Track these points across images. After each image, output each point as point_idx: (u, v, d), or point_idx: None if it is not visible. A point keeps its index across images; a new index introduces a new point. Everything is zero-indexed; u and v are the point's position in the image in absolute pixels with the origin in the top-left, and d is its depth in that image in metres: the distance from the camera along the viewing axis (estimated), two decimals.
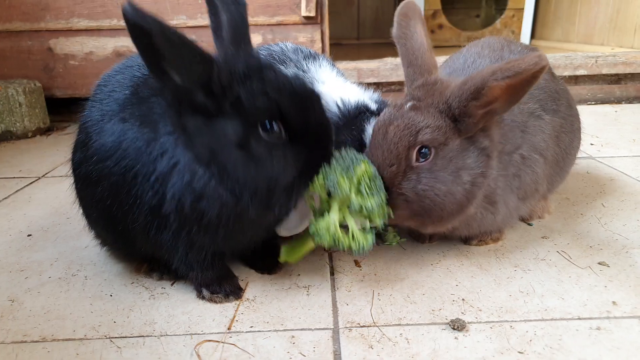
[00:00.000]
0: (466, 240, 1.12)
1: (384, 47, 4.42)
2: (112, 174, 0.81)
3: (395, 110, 0.90)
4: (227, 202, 0.78)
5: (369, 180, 0.83)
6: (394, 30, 0.98)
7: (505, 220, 1.04)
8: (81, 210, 0.99)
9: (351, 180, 0.82)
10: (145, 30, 0.66)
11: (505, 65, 0.80)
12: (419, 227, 0.93)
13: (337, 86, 1.24)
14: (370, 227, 0.86)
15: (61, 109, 2.51)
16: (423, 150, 0.86)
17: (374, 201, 0.82)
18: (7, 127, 2.18)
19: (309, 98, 0.79)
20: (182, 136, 0.77)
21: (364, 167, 0.83)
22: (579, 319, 0.83)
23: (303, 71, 1.29)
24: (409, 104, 0.89)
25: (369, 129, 1.02)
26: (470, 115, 0.85)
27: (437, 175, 0.86)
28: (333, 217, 0.83)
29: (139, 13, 0.65)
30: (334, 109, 1.08)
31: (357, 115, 1.04)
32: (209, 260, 0.88)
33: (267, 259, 1.01)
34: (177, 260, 0.88)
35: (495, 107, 0.84)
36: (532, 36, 4.08)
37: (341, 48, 4.08)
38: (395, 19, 0.98)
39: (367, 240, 0.84)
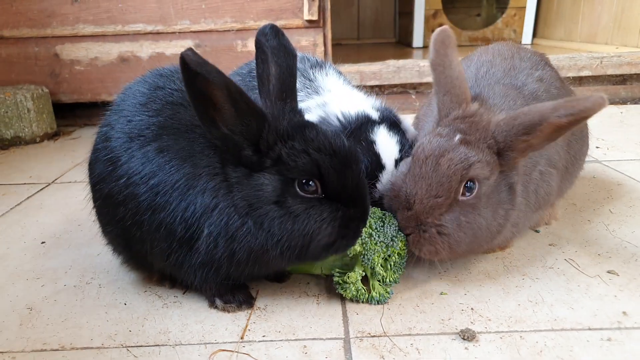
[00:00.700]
0: None
1: (383, 47, 4.42)
2: (141, 200, 0.82)
3: (444, 141, 0.88)
4: (258, 249, 0.81)
5: (399, 258, 0.93)
6: (431, 57, 0.97)
7: (519, 231, 1.05)
8: (98, 225, 0.99)
9: (386, 261, 0.92)
10: (204, 80, 0.66)
11: (567, 103, 0.82)
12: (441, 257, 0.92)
13: (343, 94, 1.24)
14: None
15: (66, 113, 2.54)
16: (468, 184, 0.86)
17: (398, 276, 0.95)
18: (16, 133, 2.20)
19: (348, 158, 0.80)
20: (225, 182, 0.80)
21: (400, 246, 0.91)
22: (590, 329, 0.83)
23: (309, 80, 1.30)
24: (457, 137, 0.88)
25: (377, 138, 1.03)
26: (514, 150, 0.86)
27: (480, 211, 0.87)
28: (359, 274, 0.92)
29: (201, 61, 0.65)
30: (336, 122, 1.09)
31: (360, 126, 1.05)
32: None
33: None
34: (195, 282, 0.89)
35: (534, 143, 0.85)
36: (534, 35, 4.06)
37: (341, 48, 4.07)
38: (432, 45, 0.97)
39: (387, 293, 0.93)
